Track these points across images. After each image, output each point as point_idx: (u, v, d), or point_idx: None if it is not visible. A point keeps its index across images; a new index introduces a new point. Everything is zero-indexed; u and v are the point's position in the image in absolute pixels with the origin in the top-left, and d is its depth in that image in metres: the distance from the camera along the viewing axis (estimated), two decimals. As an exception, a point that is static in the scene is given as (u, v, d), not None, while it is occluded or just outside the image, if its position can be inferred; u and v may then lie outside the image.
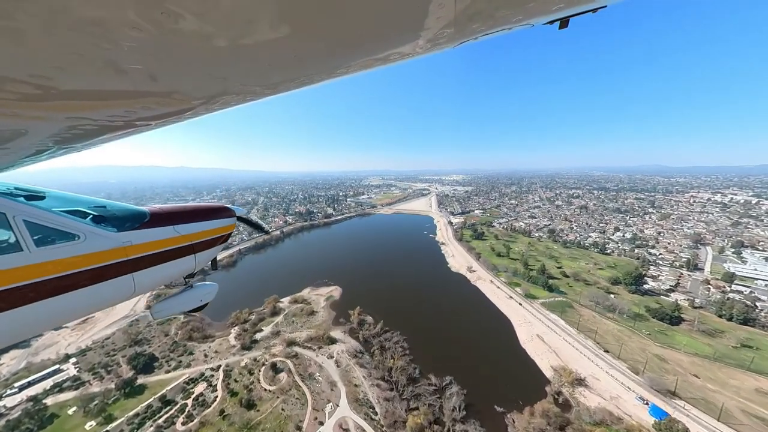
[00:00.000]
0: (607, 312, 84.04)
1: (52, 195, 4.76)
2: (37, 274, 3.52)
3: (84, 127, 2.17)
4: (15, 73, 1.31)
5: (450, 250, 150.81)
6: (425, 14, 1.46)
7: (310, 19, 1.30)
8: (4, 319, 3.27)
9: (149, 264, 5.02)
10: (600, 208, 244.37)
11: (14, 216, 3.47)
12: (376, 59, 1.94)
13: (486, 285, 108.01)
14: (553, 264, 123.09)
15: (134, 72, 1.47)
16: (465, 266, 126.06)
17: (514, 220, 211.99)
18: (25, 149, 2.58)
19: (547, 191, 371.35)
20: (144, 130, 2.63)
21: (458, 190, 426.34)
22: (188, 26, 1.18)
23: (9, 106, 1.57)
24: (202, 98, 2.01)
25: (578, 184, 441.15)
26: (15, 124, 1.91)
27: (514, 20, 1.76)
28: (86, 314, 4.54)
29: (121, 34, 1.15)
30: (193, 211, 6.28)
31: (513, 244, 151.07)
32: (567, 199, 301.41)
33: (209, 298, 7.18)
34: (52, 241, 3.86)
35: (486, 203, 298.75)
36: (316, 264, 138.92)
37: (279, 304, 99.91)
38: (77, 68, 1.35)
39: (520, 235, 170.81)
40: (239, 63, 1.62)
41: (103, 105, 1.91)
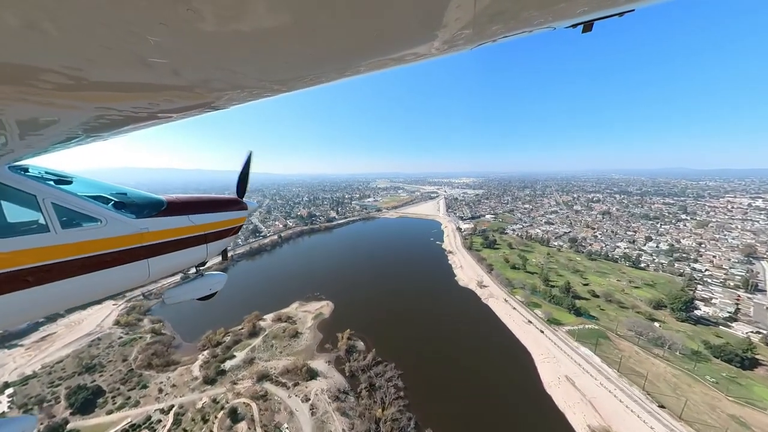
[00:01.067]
0: (654, 347, 67.57)
1: (79, 180, 4.93)
2: (61, 254, 3.74)
3: (110, 117, 2.33)
4: (51, 64, 1.41)
5: (458, 260, 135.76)
6: (443, 14, 1.44)
7: (328, 17, 1.33)
8: (29, 295, 3.51)
9: (164, 251, 5.21)
10: (624, 213, 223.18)
11: (44, 198, 3.78)
12: (392, 59, 1.93)
13: (499, 304, 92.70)
14: (578, 280, 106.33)
15: (158, 66, 1.55)
16: (475, 280, 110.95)
17: (529, 227, 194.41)
18: (57, 136, 2.72)
19: (563, 195, 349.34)
20: (165, 122, 2.72)
21: (468, 193, 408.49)
22: (211, 23, 1.24)
23: (44, 95, 1.69)
24: (221, 93, 2.11)
25: (597, 187, 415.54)
26: (49, 112, 2.09)
27: (537, 23, 1.70)
28: (103, 296, 4.71)
29: (149, 29, 1.21)
30: (208, 202, 6.48)
31: (529, 255, 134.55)
32: (586, 203, 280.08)
33: (218, 287, 7.46)
34: (77, 223, 4.10)
35: (498, 207, 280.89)
36: (309, 274, 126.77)
37: (261, 322, 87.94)
38: (107, 61, 1.45)
39: (537, 244, 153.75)
40: (258, 60, 1.70)
41: (128, 97, 2.05)
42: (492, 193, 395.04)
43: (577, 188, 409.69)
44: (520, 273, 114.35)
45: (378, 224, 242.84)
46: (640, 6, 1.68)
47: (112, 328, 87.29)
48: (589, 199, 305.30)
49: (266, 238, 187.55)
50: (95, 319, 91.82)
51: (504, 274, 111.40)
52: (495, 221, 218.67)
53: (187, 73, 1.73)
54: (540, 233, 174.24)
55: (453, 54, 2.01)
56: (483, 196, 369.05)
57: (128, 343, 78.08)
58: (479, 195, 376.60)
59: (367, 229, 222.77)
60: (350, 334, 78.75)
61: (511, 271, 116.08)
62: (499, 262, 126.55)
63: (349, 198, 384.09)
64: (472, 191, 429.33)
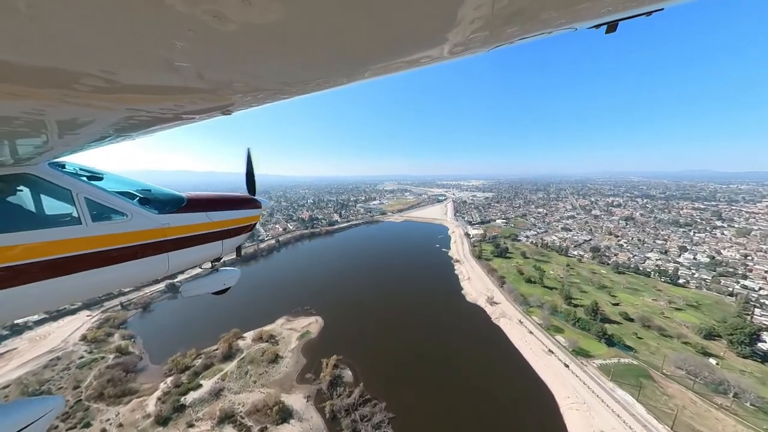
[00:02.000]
0: (714, 393, 53.38)
1: (108, 176, 5.13)
2: (90, 245, 3.98)
3: (140, 118, 2.50)
4: (90, 69, 1.53)
5: (466, 270, 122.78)
6: (460, 16, 1.41)
7: (345, 21, 1.36)
8: (61, 283, 3.73)
9: (183, 245, 5.39)
10: (650, 219, 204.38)
11: (77, 193, 4.06)
12: (407, 62, 1.94)
13: (513, 327, 79.59)
14: (606, 298, 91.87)
15: (185, 70, 1.65)
16: (484, 295, 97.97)
17: (544, 233, 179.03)
18: (92, 135, 2.91)
19: (580, 198, 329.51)
20: (188, 122, 2.88)
21: (477, 196, 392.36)
22: (235, 29, 1.31)
23: (83, 97, 1.84)
24: (241, 95, 2.21)
25: (615, 190, 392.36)
26: (86, 113, 2.24)
27: (557, 23, 1.63)
28: (125, 287, 5.44)
29: (178, 35, 1.29)
30: (225, 200, 6.75)
31: (546, 266, 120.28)
32: (606, 207, 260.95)
33: (232, 282, 7.72)
34: (106, 217, 4.35)
35: (509, 211, 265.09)
36: (302, 283, 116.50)
37: (239, 342, 77.82)
38: (139, 65, 1.55)
39: (554, 254, 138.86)
40: (277, 64, 1.77)
41: (156, 99, 2.19)
42: (503, 196, 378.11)
43: (593, 191, 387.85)
44: (537, 288, 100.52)
45: (381, 228, 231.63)
46: (671, 5, 1.57)
47: (77, 344, 78.88)
48: (609, 203, 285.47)
49: (263, 242, 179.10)
50: (63, 333, 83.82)
51: (518, 289, 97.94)
52: (506, 227, 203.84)
53: (210, 76, 1.83)
54: (557, 241, 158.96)
55: (468, 56, 1.97)
56: (493, 199, 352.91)
57: (87, 364, 69.18)
58: (489, 198, 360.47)
59: (370, 234, 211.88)
60: (337, 360, 67.64)
61: (525, 286, 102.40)
62: (512, 274, 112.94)
63: (354, 200, 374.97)
64: (482, 194, 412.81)
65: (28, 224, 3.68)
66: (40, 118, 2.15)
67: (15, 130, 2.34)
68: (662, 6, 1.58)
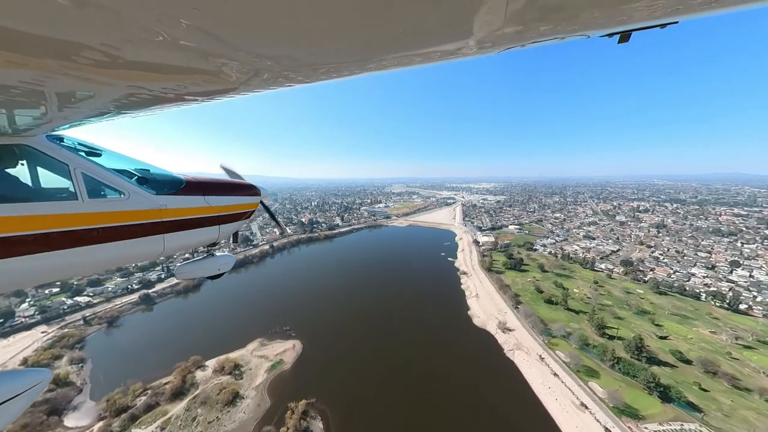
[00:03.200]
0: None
1: (107, 153, 5.00)
2: (86, 222, 3.93)
3: (141, 96, 2.47)
4: (91, 42, 1.50)
5: (473, 285, 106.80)
6: (472, 17, 1.40)
7: (355, 8, 1.34)
8: (51, 258, 3.64)
9: (179, 228, 5.30)
10: (686, 227, 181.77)
11: (75, 168, 3.96)
12: (415, 56, 1.93)
13: (532, 364, 63.54)
14: (648, 327, 74.33)
15: (189, 49, 1.63)
16: (495, 318, 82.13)
17: (564, 242, 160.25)
18: (91, 110, 2.90)
19: (600, 202, 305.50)
20: (191, 104, 2.85)
21: (488, 199, 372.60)
22: (241, 10, 1.28)
23: (83, 70, 1.81)
24: (244, 78, 2.19)
25: (639, 194, 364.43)
26: (86, 87, 2.23)
27: (569, 30, 1.63)
28: (119, 265, 4.99)
29: (183, 13, 1.27)
30: (224, 185, 6.65)
31: (569, 282, 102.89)
32: (631, 213, 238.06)
33: (226, 268, 7.49)
34: (102, 194, 4.31)
35: (523, 216, 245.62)
36: (287, 298, 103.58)
37: (199, 372, 65.18)
38: (142, 41, 1.51)
39: (577, 267, 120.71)
40: (284, 48, 1.75)
41: (159, 77, 2.16)
42: (515, 199, 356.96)
43: (615, 195, 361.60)
44: (560, 311, 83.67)
45: (384, 233, 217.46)
46: (685, 19, 1.56)
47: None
48: (634, 207, 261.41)
49: (256, 247, 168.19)
50: (5, 354, 73.55)
51: (536, 312, 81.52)
52: (520, 234, 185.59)
53: (214, 57, 1.79)
54: (579, 251, 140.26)
55: (479, 56, 1.98)
56: (505, 203, 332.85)
57: (11, 400, 57.79)
58: (501, 202, 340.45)
59: (371, 239, 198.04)
60: (307, 405, 53.81)
61: (545, 307, 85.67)
62: (529, 291, 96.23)
63: (360, 203, 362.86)
64: (493, 197, 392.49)
65: (24, 196, 3.76)
66: (38, 88, 2.14)
67: (12, 99, 2.33)
68: (676, 19, 1.54)
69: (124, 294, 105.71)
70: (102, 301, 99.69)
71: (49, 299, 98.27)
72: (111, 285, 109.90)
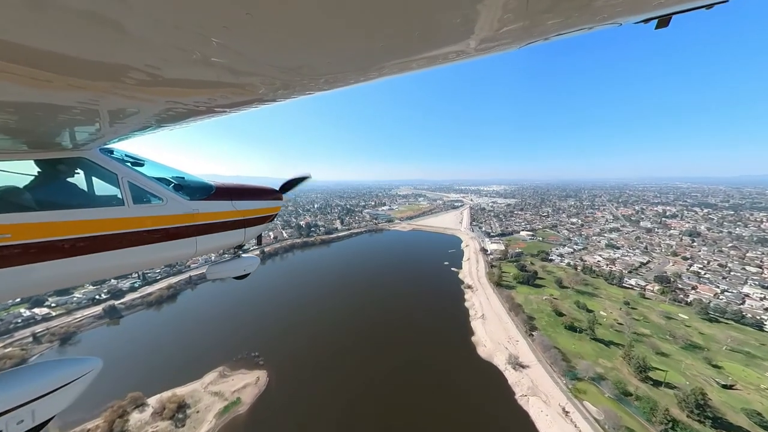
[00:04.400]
0: None
1: (149, 163, 5.41)
2: (131, 225, 4.37)
3: (177, 110, 2.71)
4: (136, 63, 1.67)
5: (479, 302, 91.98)
6: (493, 8, 1.35)
7: (371, 15, 1.37)
8: (102, 258, 4.05)
9: (209, 231, 5.70)
10: (723, 235, 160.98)
11: (122, 177, 4.41)
12: (434, 57, 1.93)
13: (553, 420, 48.62)
14: (704, 369, 58.19)
15: (218, 65, 1.77)
16: (504, 347, 67.49)
17: (583, 251, 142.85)
18: (136, 124, 3.16)
19: (621, 207, 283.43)
20: (220, 115, 3.09)
21: (498, 202, 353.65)
22: (265, 26, 1.38)
23: (130, 89, 2.02)
24: (268, 90, 2.36)
25: (663, 198, 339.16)
26: (132, 104, 2.47)
27: (600, 18, 1.49)
28: (157, 265, 5.26)
29: (213, 32, 1.40)
30: (249, 190, 7.05)
31: (595, 303, 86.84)
32: (657, 218, 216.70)
33: (251, 269, 7.91)
34: (145, 200, 4.72)
35: (535, 221, 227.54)
36: (265, 315, 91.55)
37: (134, 415, 53.21)
38: (178, 60, 1.68)
39: (602, 283, 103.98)
40: (306, 59, 1.84)
41: (192, 92, 2.34)
42: (527, 202, 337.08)
43: (635, 198, 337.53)
44: (585, 341, 68.17)
45: (385, 238, 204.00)
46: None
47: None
48: (659, 212, 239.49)
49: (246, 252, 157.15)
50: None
51: (556, 342, 66.43)
52: (533, 241, 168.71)
53: (241, 71, 1.94)
54: (602, 262, 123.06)
55: (498, 53, 1.92)
56: (516, 206, 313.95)
57: None
58: (511, 205, 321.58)
59: (370, 245, 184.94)
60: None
61: (567, 336, 70.30)
62: (546, 313, 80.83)
63: (363, 205, 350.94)
64: (503, 200, 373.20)
65: (82, 202, 4.20)
66: (94, 107, 2.39)
67: (73, 118, 2.65)
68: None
69: (89, 305, 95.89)
70: (62, 314, 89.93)
71: (6, 310, 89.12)
72: (79, 294, 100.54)
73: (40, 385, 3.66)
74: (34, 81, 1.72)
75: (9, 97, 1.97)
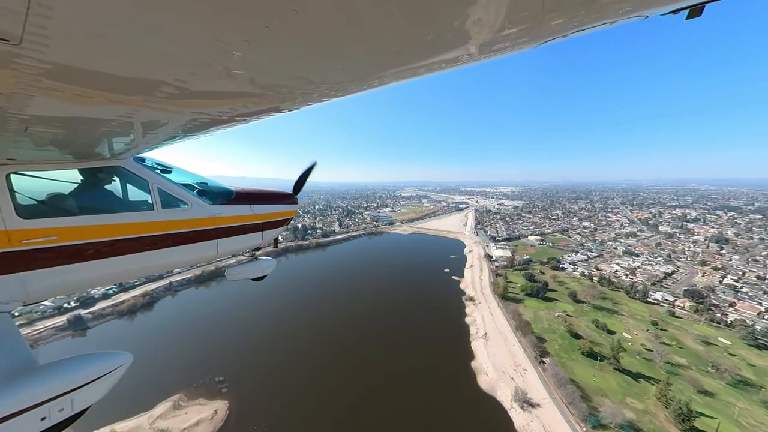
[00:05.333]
0: None
1: (176, 170, 5.70)
2: (160, 228, 4.69)
3: (201, 120, 2.85)
4: (167, 78, 1.81)
5: (481, 318, 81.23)
6: (508, 7, 1.32)
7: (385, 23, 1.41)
8: (137, 258, 4.42)
9: (229, 234, 5.89)
10: (755, 242, 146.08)
11: (152, 184, 4.73)
12: (447, 60, 1.91)
13: (572, 486, 37.76)
14: (762, 414, 46.44)
15: (240, 76, 1.88)
16: (509, 377, 56.81)
17: (598, 259, 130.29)
18: (165, 134, 3.35)
19: (636, 210, 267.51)
20: (240, 124, 3.23)
21: (505, 205, 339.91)
22: (282, 39, 1.47)
23: (160, 102, 2.16)
24: (286, 99, 2.50)
25: (680, 200, 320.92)
26: (163, 116, 2.64)
27: (623, 11, 1.39)
28: (182, 266, 5.62)
29: (235, 46, 1.49)
30: (267, 195, 7.27)
31: (616, 322, 75.24)
32: (678, 223, 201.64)
33: (268, 271, 8.28)
34: (173, 205, 4.99)
35: (544, 225, 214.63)
36: (239, 330, 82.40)
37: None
38: (204, 73, 1.80)
39: (622, 296, 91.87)
40: (321, 68, 1.93)
41: (216, 103, 2.48)
42: (535, 205, 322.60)
43: (651, 201, 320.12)
44: (607, 373, 56.80)
45: (384, 242, 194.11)
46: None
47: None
48: (679, 216, 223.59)
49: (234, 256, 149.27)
50: None
51: (572, 373, 55.42)
52: (542, 246, 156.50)
53: (261, 81, 2.05)
54: (621, 272, 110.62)
55: (514, 53, 1.87)
56: (524, 208, 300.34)
57: None
58: (518, 207, 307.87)
59: (368, 249, 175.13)
60: None
61: (585, 365, 59.03)
62: (558, 334, 69.65)
63: (365, 207, 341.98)
64: (510, 202, 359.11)
65: (117, 207, 4.57)
66: (129, 119, 2.58)
67: (111, 130, 2.88)
68: None
69: (54, 314, 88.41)
70: (22, 324, 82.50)
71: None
72: (49, 302, 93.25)
73: (78, 376, 3.72)
74: (78, 98, 1.90)
75: (58, 113, 2.19)
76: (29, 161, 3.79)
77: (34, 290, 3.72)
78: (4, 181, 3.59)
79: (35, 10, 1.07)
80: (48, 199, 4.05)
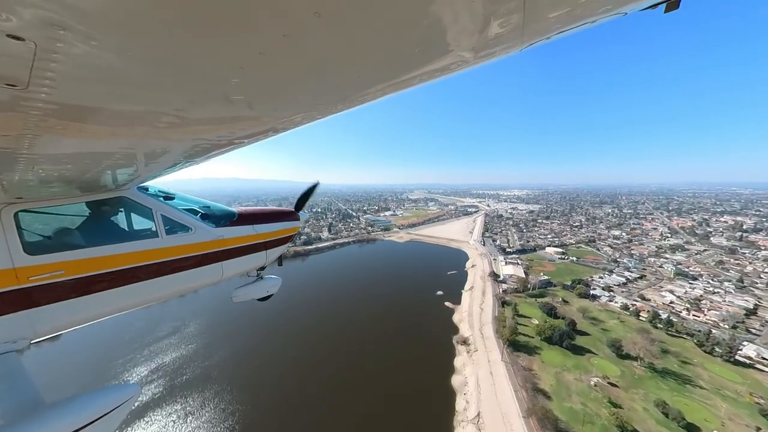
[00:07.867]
0: None
1: (178, 196, 5.81)
2: (165, 255, 4.72)
3: (202, 146, 2.92)
4: (167, 110, 1.88)
5: (476, 381, 54.24)
6: (486, 12, 1.31)
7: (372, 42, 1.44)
8: (144, 287, 4.47)
9: (234, 255, 5.94)
10: None
11: (156, 211, 4.82)
12: (435, 71, 1.92)
13: None
14: None
15: (237, 102, 1.92)
16: None
17: (641, 281, 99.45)
18: (167, 162, 3.41)
19: (674, 216, 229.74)
20: (239, 146, 3.28)
21: (519, 209, 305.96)
22: (276, 64, 1.51)
23: (161, 132, 2.19)
24: (281, 119, 2.55)
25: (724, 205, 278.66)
26: (164, 145, 2.70)
27: (603, 10, 1.41)
28: (188, 291, 5.47)
29: (232, 73, 1.54)
30: (268, 214, 7.38)
31: (691, 401, 46.73)
32: (734, 233, 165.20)
33: (274, 290, 8.13)
34: (176, 231, 5.05)
35: (565, 233, 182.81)
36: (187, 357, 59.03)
37: None
38: (203, 101, 1.87)
39: (691, 348, 62.21)
40: (313, 89, 1.98)
41: (215, 129, 2.54)
42: (553, 209, 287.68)
43: (689, 206, 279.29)
44: None
45: (375, 250, 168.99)
46: None
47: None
48: (731, 225, 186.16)
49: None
50: None
51: None
52: (563, 262, 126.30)
53: (257, 105, 2.10)
54: (677, 303, 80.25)
55: (501, 57, 1.88)
56: (540, 213, 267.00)
57: None
58: (534, 212, 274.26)
59: (353, 260, 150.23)
60: None
61: None
62: (598, 427, 41.99)
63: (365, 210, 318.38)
64: (525, 206, 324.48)
65: (123, 237, 4.59)
66: (132, 151, 2.67)
67: (115, 162, 2.95)
68: None
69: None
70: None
71: None
72: None
73: (86, 413, 3.63)
74: (84, 134, 1.97)
75: (64, 149, 2.22)
76: (36, 198, 3.86)
77: (42, 327, 3.71)
78: (12, 219, 3.62)
79: (41, 55, 1.11)
80: (54, 234, 4.14)
